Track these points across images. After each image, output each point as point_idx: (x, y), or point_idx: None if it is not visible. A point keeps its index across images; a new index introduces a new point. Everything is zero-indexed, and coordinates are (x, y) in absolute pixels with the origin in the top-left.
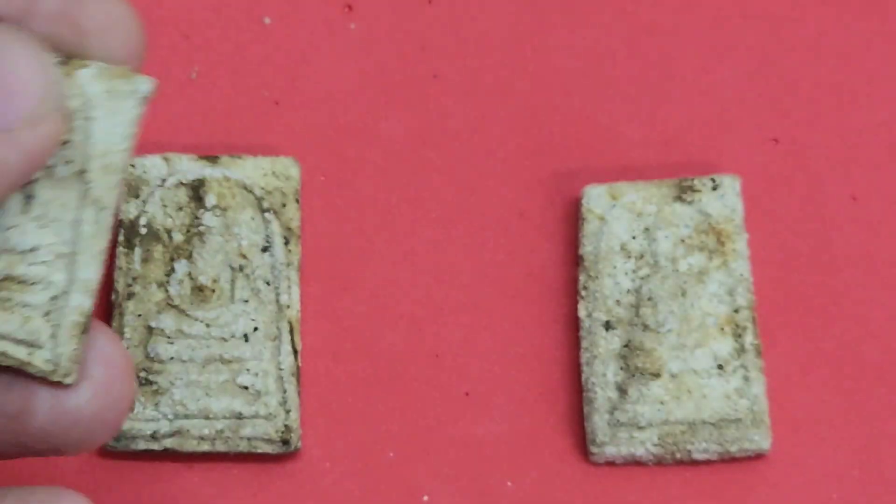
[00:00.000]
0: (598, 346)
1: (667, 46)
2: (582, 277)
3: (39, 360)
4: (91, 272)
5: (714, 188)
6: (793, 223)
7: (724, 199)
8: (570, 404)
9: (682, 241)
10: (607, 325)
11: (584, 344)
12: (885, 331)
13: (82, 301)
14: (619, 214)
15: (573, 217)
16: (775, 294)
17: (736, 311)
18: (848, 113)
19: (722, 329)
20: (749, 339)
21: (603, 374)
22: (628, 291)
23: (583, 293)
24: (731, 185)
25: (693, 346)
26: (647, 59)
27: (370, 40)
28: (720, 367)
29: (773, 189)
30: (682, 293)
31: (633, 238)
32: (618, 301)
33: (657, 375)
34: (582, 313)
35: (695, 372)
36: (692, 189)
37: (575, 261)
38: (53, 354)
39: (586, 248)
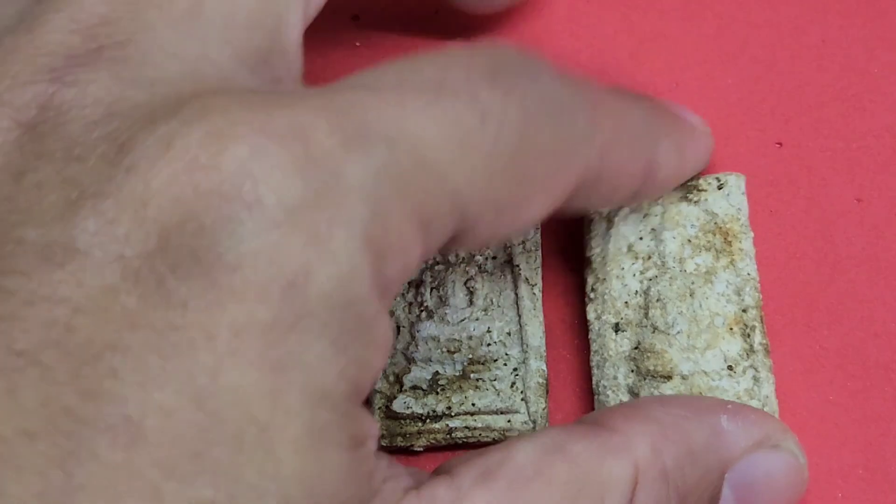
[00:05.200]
0: (608, 348)
1: (671, 51)
2: (590, 279)
3: (518, 424)
4: (538, 339)
5: (719, 187)
6: (798, 226)
7: (730, 198)
8: (581, 407)
9: (689, 241)
10: (617, 328)
11: (594, 347)
12: (891, 330)
13: (539, 365)
14: (625, 216)
15: (580, 219)
16: (781, 295)
17: (744, 310)
18: (852, 117)
19: (731, 329)
20: (758, 338)
21: (614, 377)
22: (637, 293)
23: (591, 295)
24: (735, 184)
25: (703, 348)
26: (651, 65)
27: (376, 51)
28: (730, 367)
29: (778, 193)
30: (690, 294)
31: (640, 239)
32: (626, 303)
33: (668, 378)
34: (591, 315)
35: (705, 373)
36: (697, 189)
37: (583, 263)
38: (529, 416)
39: (594, 250)
